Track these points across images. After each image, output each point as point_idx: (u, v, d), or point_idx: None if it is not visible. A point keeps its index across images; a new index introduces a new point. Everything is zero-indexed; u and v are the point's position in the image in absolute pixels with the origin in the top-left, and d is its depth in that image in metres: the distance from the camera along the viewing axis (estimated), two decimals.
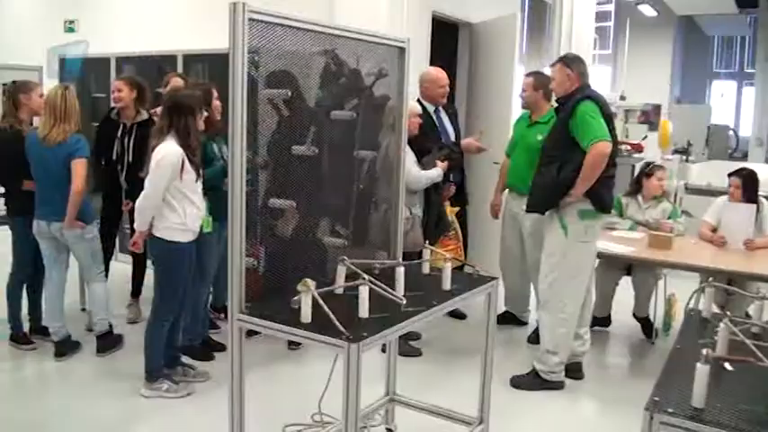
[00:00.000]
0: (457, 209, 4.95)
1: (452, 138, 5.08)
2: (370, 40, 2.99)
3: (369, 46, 3.02)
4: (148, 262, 4.57)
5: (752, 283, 4.55)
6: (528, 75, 5.05)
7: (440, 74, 5.05)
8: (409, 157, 4.58)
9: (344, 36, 2.86)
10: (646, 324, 5.11)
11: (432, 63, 5.73)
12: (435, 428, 3.35)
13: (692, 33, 21.65)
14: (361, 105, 3.12)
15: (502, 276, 5.07)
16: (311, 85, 2.91)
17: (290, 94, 2.69)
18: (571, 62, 3.96)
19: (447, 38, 6.52)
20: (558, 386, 4.07)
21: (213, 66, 5.52)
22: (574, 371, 4.21)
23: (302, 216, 2.87)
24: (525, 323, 5.21)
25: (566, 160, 3.82)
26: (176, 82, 4.50)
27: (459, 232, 4.80)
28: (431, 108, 5.01)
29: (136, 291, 5.00)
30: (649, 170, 5.22)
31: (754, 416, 1.72)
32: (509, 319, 5.18)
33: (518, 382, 4.08)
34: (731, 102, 23.39)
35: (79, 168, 3.95)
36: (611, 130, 3.82)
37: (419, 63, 5.73)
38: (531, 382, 4.07)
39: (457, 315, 5.21)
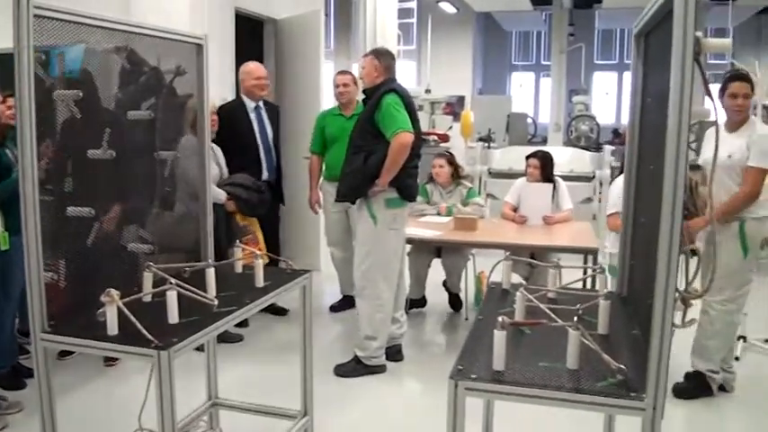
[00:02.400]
0: (254, 218, 4.84)
1: (271, 137, 5.05)
2: (165, 36, 2.89)
3: (166, 43, 2.91)
4: None
5: (553, 255, 4.92)
6: (345, 72, 5.25)
7: (257, 66, 5.02)
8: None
9: (139, 33, 2.74)
10: (456, 301, 5.43)
11: (238, 60, 5.66)
12: (262, 427, 3.32)
13: (492, 29, 23.00)
14: (159, 104, 3.01)
15: (335, 264, 5.32)
16: (107, 85, 2.76)
17: (81, 94, 2.53)
18: (381, 55, 4.11)
19: (253, 34, 6.47)
20: (380, 370, 4.19)
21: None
22: (394, 353, 4.36)
23: (103, 224, 2.72)
24: None
25: (372, 150, 3.94)
26: None
27: (259, 236, 4.75)
28: (251, 105, 4.95)
29: None
30: (432, 161, 5.52)
31: (551, 371, 1.86)
32: (350, 302, 5.23)
33: (341, 371, 4.15)
34: (530, 92, 25.20)
35: None
36: (415, 122, 4.00)
37: (224, 60, 5.65)
38: (354, 368, 4.16)
39: (278, 311, 5.19)
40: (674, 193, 1.64)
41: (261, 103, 5.03)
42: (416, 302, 5.38)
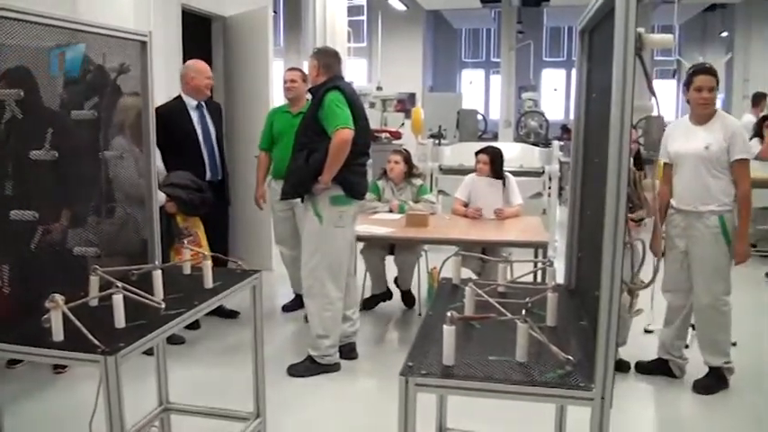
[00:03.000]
0: (195, 216, 4.72)
1: (214, 136, 4.98)
2: (108, 33, 2.82)
3: (111, 41, 2.85)
4: None
5: (504, 249, 4.98)
6: (293, 69, 5.21)
7: (205, 65, 4.94)
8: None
9: (82, 30, 2.67)
10: (408, 297, 5.44)
11: (185, 58, 5.57)
12: (214, 431, 3.28)
13: (441, 26, 23.14)
14: (103, 103, 2.94)
15: (284, 262, 5.31)
16: (51, 84, 2.69)
17: (22, 93, 2.46)
18: (319, 54, 4.11)
19: (201, 32, 6.39)
20: (333, 368, 4.18)
21: None
22: (348, 352, 4.36)
23: (47, 227, 2.65)
24: None
25: (315, 148, 3.93)
26: None
27: (201, 237, 4.67)
28: (192, 104, 4.87)
29: None
30: (387, 157, 5.52)
31: (500, 364, 1.88)
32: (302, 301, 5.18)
33: (294, 371, 4.13)
34: (480, 89, 25.44)
35: None
36: (360, 119, 4.00)
37: (171, 58, 5.55)
38: (307, 367, 4.14)
39: (228, 315, 5.12)
40: (617, 187, 1.67)
41: (203, 102, 4.95)
42: (381, 296, 5.39)
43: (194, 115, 4.87)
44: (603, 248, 1.70)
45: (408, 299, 5.47)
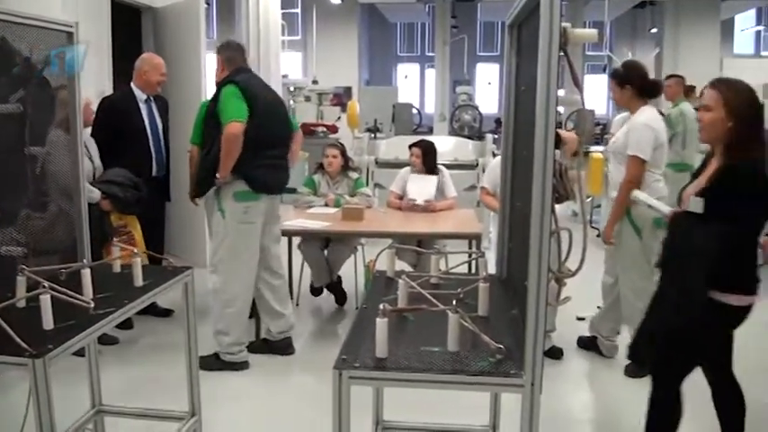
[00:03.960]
0: (131, 215, 4.62)
1: (161, 131, 4.89)
2: (31, 23, 2.74)
3: (38, 32, 2.76)
4: None
5: (439, 241, 5.04)
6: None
7: (160, 61, 4.87)
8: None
9: (6, 20, 2.58)
10: (336, 291, 5.41)
11: (114, 50, 5.44)
12: None
13: (377, 20, 23.17)
14: (29, 97, 2.84)
15: None
16: None
17: None
18: (221, 49, 4.10)
19: (131, 23, 6.24)
20: (240, 366, 4.12)
21: None
22: (284, 347, 4.34)
23: None
24: None
25: (213, 143, 3.90)
26: None
27: (137, 235, 4.58)
28: (141, 97, 4.77)
29: None
30: (324, 151, 5.51)
31: (433, 355, 1.91)
32: None
33: (204, 363, 3.97)
34: (416, 83, 25.60)
35: None
36: (266, 111, 3.96)
37: (100, 50, 5.41)
38: (213, 362, 4.07)
39: (161, 313, 5.02)
40: (543, 178, 1.71)
41: (151, 97, 4.86)
42: (329, 287, 5.37)
43: (143, 109, 4.79)
44: (530, 238, 1.74)
45: (339, 293, 5.44)
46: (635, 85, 4.02)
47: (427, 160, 5.43)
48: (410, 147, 5.55)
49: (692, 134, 6.84)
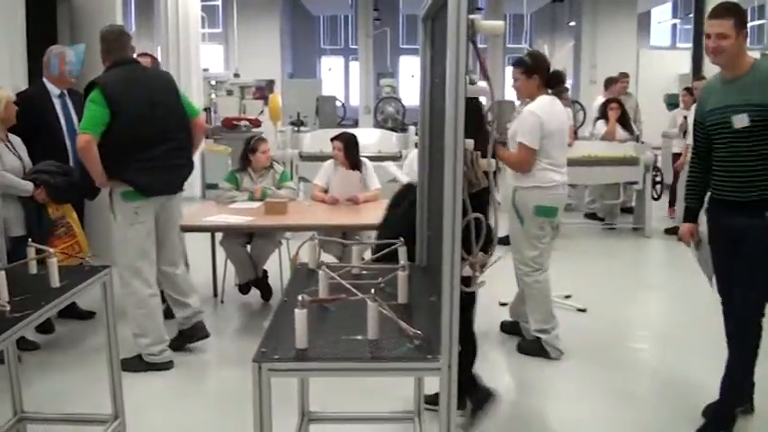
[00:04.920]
0: (67, 204, 4.49)
1: (77, 126, 4.72)
2: None
3: None
4: None
5: (364, 233, 5.07)
6: (143, 54, 5.04)
7: (70, 51, 4.71)
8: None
9: None
10: (262, 286, 5.36)
11: (30, 42, 5.24)
12: None
13: (299, 13, 23.01)
14: None
15: None
16: None
17: None
18: (100, 39, 3.96)
19: (46, 14, 6.02)
20: (164, 367, 4.05)
21: None
22: (198, 330, 4.28)
23: None
24: None
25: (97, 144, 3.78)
26: None
27: (75, 226, 4.46)
28: (55, 92, 4.62)
29: None
30: (253, 146, 5.45)
31: (353, 343, 1.93)
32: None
33: (126, 365, 3.83)
34: (340, 75, 25.57)
35: None
36: (134, 112, 3.80)
37: (14, 44, 5.21)
38: (136, 364, 4.00)
39: (82, 315, 4.89)
40: (454, 166, 1.75)
41: (65, 90, 4.71)
42: (254, 283, 5.30)
43: (58, 104, 4.64)
44: (443, 225, 1.78)
45: (265, 289, 5.40)
46: (542, 76, 4.13)
47: (349, 153, 5.45)
48: (332, 140, 5.56)
49: None
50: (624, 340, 4.67)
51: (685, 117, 7.57)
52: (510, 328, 4.60)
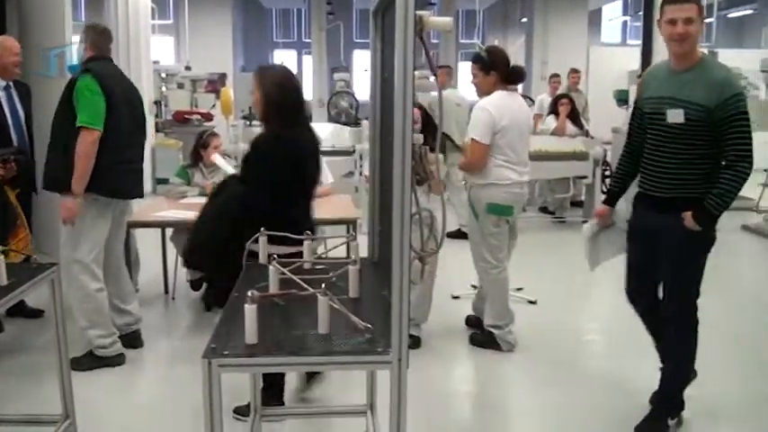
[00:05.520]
0: (17, 191, 4.39)
1: (23, 119, 4.60)
2: None
3: None
4: None
5: (317, 228, 5.04)
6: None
7: (14, 41, 4.55)
8: None
9: None
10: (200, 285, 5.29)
11: None
12: None
13: (251, 5, 22.79)
14: None
15: None
16: None
17: None
18: (88, 30, 3.92)
19: None
20: (116, 361, 4.00)
21: None
22: (131, 339, 4.22)
23: None
24: None
25: (74, 138, 3.66)
26: None
27: (23, 217, 4.35)
28: (0, 84, 4.46)
29: None
30: (204, 141, 5.38)
31: (303, 338, 1.93)
32: None
33: (77, 364, 3.81)
34: (293, 69, 25.39)
35: None
36: (117, 105, 3.75)
37: None
38: (87, 361, 3.94)
39: (30, 314, 4.76)
40: (402, 161, 1.76)
41: (10, 83, 4.57)
42: (207, 278, 5.17)
43: (2, 96, 4.51)
44: (393, 220, 1.79)
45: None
46: (500, 72, 4.12)
47: None
48: None
49: None
50: (574, 331, 4.76)
51: None
52: (475, 323, 4.59)
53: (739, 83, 3.05)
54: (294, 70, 3.38)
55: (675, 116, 2.96)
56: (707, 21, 16.04)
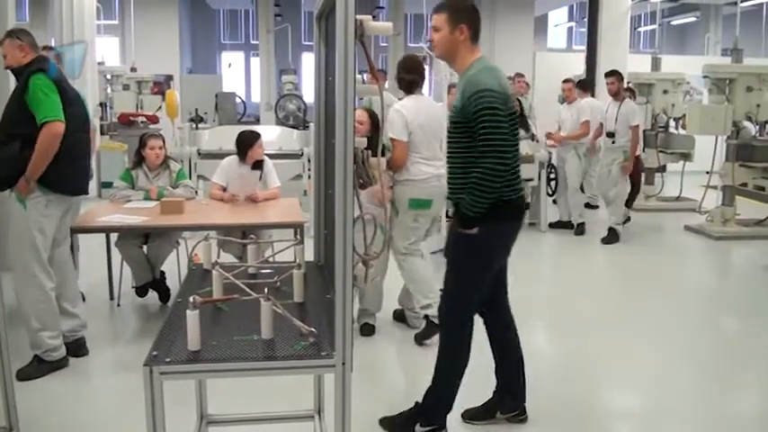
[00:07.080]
0: None
1: None
2: None
3: None
4: None
5: (265, 231, 5.01)
6: (45, 47, 4.91)
7: None
8: None
9: None
10: (160, 288, 5.22)
11: None
12: None
13: (199, 6, 22.49)
14: None
15: None
16: None
17: None
18: (21, 34, 3.85)
19: None
20: (61, 364, 3.93)
21: None
22: (76, 348, 4.13)
23: None
24: None
25: (31, 136, 3.62)
26: None
27: None
28: None
29: None
30: (143, 142, 5.30)
31: (246, 343, 1.93)
32: None
33: (24, 374, 3.75)
34: (241, 71, 25.14)
35: None
36: (71, 103, 3.77)
37: None
38: (38, 368, 3.85)
39: None
40: (344, 165, 1.77)
41: None
42: (152, 284, 5.13)
43: None
44: (336, 223, 1.80)
45: (162, 291, 5.24)
46: (404, 79, 4.48)
47: (239, 150, 5.39)
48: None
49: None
50: (520, 327, 4.82)
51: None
52: (399, 316, 4.85)
53: (487, 81, 2.86)
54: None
55: (449, 119, 3.15)
56: (650, 27, 16.46)
